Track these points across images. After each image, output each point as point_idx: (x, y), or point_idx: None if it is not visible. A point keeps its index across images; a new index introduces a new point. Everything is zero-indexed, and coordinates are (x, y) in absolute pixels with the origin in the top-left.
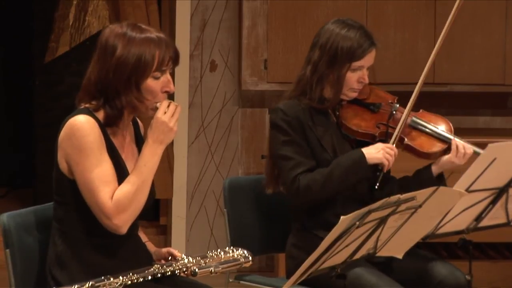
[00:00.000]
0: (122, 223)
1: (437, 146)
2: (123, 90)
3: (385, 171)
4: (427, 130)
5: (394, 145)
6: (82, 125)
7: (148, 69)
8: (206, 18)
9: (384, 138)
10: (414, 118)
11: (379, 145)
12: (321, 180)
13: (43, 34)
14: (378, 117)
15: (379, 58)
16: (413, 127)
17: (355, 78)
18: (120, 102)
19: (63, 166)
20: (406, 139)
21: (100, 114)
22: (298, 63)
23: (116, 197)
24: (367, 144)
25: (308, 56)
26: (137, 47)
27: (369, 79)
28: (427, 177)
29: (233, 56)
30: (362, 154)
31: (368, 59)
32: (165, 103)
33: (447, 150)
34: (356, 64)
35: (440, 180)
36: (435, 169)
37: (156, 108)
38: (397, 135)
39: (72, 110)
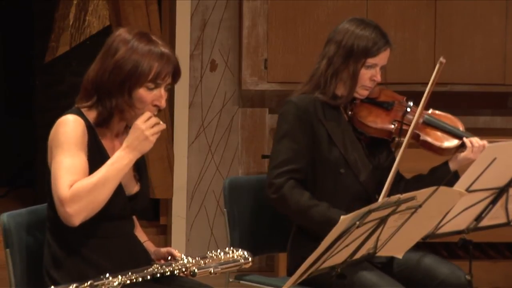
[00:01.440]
0: (73, 212)
1: (453, 142)
2: (115, 93)
3: None
4: (441, 126)
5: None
6: (67, 122)
7: (142, 78)
8: (206, 18)
9: (399, 135)
10: (427, 116)
11: None
12: (303, 208)
13: (43, 34)
14: (392, 115)
15: None
16: (427, 124)
17: (368, 76)
18: (110, 103)
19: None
20: (421, 135)
21: (91, 115)
22: (298, 63)
23: (75, 186)
24: (379, 142)
25: (322, 52)
26: (137, 55)
27: (381, 79)
28: (445, 173)
29: (233, 56)
30: None
31: (382, 58)
32: (148, 113)
33: (460, 147)
34: (370, 61)
35: (457, 178)
36: (452, 166)
37: None
38: (412, 131)
39: None
